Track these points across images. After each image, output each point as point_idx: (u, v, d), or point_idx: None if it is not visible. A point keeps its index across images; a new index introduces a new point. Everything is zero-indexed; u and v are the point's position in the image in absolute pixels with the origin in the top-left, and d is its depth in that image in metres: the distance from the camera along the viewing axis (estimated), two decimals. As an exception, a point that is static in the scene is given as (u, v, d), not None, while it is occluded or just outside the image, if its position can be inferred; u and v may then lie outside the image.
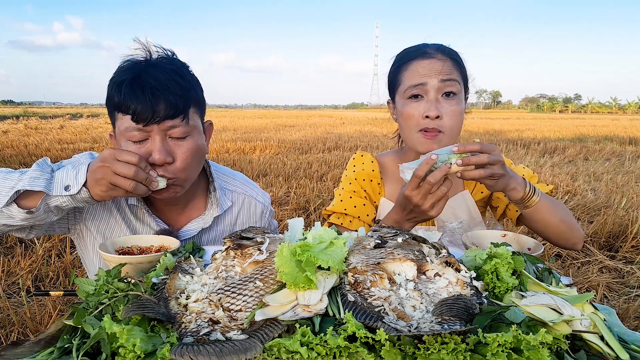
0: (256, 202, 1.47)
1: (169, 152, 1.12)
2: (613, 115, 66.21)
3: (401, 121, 1.38)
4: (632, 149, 10.51)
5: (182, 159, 1.14)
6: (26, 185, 1.00)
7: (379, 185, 1.52)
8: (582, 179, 6.25)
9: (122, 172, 1.00)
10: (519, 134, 15.07)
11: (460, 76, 1.35)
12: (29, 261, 2.99)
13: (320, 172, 6.42)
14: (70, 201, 1.04)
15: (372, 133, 14.81)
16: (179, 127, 1.12)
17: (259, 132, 14.57)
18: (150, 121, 1.09)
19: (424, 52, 1.34)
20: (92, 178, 1.02)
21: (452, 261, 0.83)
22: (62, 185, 1.02)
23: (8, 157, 7.65)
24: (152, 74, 1.10)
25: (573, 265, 3.30)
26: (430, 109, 1.29)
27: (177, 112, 1.11)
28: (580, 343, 0.67)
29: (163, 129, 1.11)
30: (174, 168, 1.14)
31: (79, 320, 0.69)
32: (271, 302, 0.70)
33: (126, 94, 1.08)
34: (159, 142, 1.11)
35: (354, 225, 1.47)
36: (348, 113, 55.41)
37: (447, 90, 1.30)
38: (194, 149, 1.16)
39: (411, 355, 0.61)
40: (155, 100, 1.07)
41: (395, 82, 1.40)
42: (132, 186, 1.01)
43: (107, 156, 1.01)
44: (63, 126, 16.67)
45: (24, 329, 2.27)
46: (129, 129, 1.10)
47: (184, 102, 1.12)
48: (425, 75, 1.30)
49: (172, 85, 1.10)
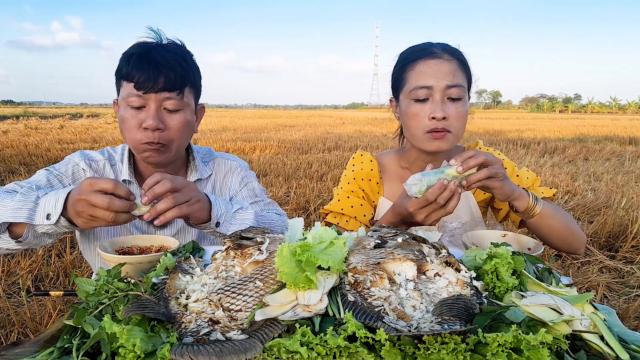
0: (231, 162, 1.56)
1: (161, 119, 1.25)
2: (613, 115, 66.22)
3: (406, 120, 1.38)
4: (632, 149, 10.51)
5: (173, 129, 1.27)
6: (9, 217, 1.03)
7: (377, 184, 1.53)
8: (582, 179, 6.25)
9: (97, 204, 0.96)
10: (519, 134, 15.07)
11: (466, 78, 1.36)
12: (29, 261, 2.99)
13: (320, 172, 6.42)
14: (55, 228, 1.04)
15: (372, 133, 14.81)
16: (173, 99, 1.25)
17: (259, 132, 14.56)
18: (150, 90, 1.22)
19: (430, 52, 1.34)
20: (72, 209, 1.01)
21: (452, 261, 0.83)
22: (45, 213, 1.02)
23: (8, 157, 7.65)
24: (159, 51, 1.25)
25: (573, 265, 3.30)
26: (436, 110, 1.29)
27: (174, 87, 1.24)
28: (580, 343, 0.67)
29: (160, 99, 1.24)
30: (165, 134, 1.26)
31: (79, 320, 0.69)
32: (271, 302, 0.70)
33: (133, 64, 1.22)
34: (153, 110, 1.24)
35: (350, 225, 1.48)
36: (348, 113, 55.41)
37: (452, 96, 1.31)
38: (183, 123, 1.29)
39: (411, 355, 0.61)
40: (157, 72, 1.21)
41: (400, 81, 1.39)
42: (112, 217, 0.98)
43: (85, 187, 0.98)
44: (63, 126, 16.67)
45: (24, 329, 2.27)
46: (130, 94, 1.23)
47: (181, 80, 1.26)
48: (432, 76, 1.30)
49: (174, 63, 1.24)
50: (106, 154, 1.42)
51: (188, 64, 1.29)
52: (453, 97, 1.30)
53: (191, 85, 1.31)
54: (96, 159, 1.40)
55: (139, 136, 1.25)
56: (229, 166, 1.55)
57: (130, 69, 1.22)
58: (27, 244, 1.08)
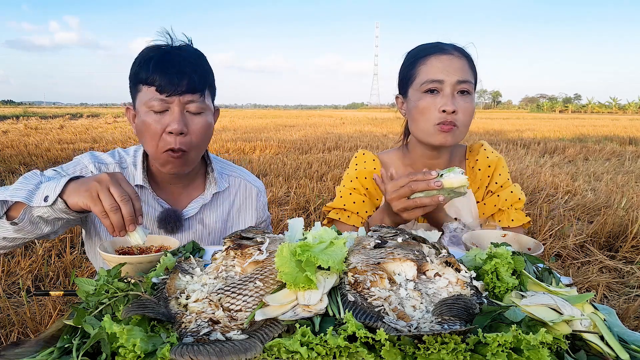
0: (252, 186, 1.55)
1: (185, 123, 1.23)
2: (613, 115, 66.22)
3: (415, 114, 1.39)
4: (632, 149, 10.51)
5: (196, 133, 1.25)
6: (7, 196, 1.02)
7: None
8: (582, 179, 6.26)
9: (113, 191, 0.98)
10: (519, 134, 15.07)
11: (473, 77, 1.39)
12: (29, 261, 2.99)
13: (320, 172, 6.42)
14: (51, 212, 1.03)
15: (372, 133, 14.81)
16: (197, 102, 1.23)
17: (259, 132, 14.57)
18: (173, 93, 1.20)
19: (441, 48, 1.37)
20: (78, 187, 1.01)
21: (452, 261, 0.83)
22: (43, 195, 1.02)
23: (8, 157, 7.65)
24: (178, 53, 1.24)
25: (573, 265, 3.30)
26: (447, 103, 1.31)
27: (197, 89, 1.23)
28: (580, 343, 0.67)
29: (183, 102, 1.22)
30: (188, 140, 1.24)
31: (79, 320, 0.69)
32: (271, 302, 0.70)
33: (154, 68, 1.20)
34: (177, 114, 1.21)
35: (352, 220, 1.49)
36: (348, 113, 55.41)
37: (462, 89, 1.33)
38: (205, 126, 1.27)
39: (411, 355, 0.61)
40: (180, 74, 1.20)
41: (409, 76, 1.41)
42: (112, 207, 0.97)
43: (110, 175, 1.01)
44: (63, 126, 16.67)
45: (24, 329, 2.27)
46: (152, 99, 1.20)
47: (203, 82, 1.25)
48: (444, 71, 1.33)
49: (195, 65, 1.24)
50: (117, 157, 1.40)
51: (206, 65, 1.29)
52: (463, 90, 1.33)
53: (210, 87, 1.30)
54: (106, 162, 1.37)
55: (161, 144, 1.23)
56: (249, 191, 1.55)
57: (151, 73, 1.19)
58: (23, 229, 1.06)
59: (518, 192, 1.48)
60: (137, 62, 1.24)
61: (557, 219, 4.22)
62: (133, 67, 1.25)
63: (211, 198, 1.44)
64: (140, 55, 1.25)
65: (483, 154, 1.54)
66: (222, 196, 1.49)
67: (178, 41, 1.30)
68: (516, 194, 1.48)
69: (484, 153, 1.54)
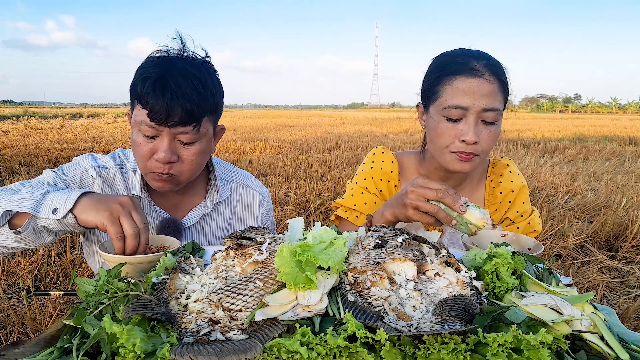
0: (254, 192, 1.52)
1: (174, 152, 1.19)
2: (613, 115, 66.22)
3: (433, 135, 1.30)
4: (632, 149, 10.51)
5: (187, 161, 1.21)
6: (14, 206, 1.01)
7: (395, 187, 1.49)
8: (582, 179, 6.26)
9: (135, 217, 1.00)
10: (519, 134, 15.07)
11: (503, 99, 1.28)
12: (29, 261, 2.99)
13: (320, 172, 6.42)
14: (57, 224, 1.02)
15: (372, 133, 14.81)
16: (189, 134, 1.18)
17: (259, 132, 14.57)
18: (164, 123, 1.14)
19: (471, 69, 1.23)
20: (97, 203, 1.00)
21: (452, 261, 0.83)
22: (52, 207, 1.01)
23: (8, 157, 7.65)
24: (176, 77, 1.15)
25: (573, 265, 3.30)
26: (468, 133, 1.21)
27: (190, 121, 1.16)
28: (580, 343, 0.67)
29: (174, 132, 1.17)
30: (178, 167, 1.21)
31: (79, 320, 0.69)
32: (271, 302, 0.70)
33: (148, 90, 1.13)
34: (166, 144, 1.17)
35: (360, 220, 1.46)
36: (348, 113, 55.41)
37: (487, 119, 1.23)
38: (198, 154, 1.23)
39: (411, 355, 0.61)
40: (172, 105, 1.12)
41: (433, 92, 1.30)
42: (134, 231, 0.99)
43: (125, 202, 1.01)
44: (63, 126, 16.68)
45: (24, 329, 2.27)
46: (143, 122, 1.16)
47: (199, 111, 1.17)
48: (470, 97, 1.21)
49: (191, 93, 1.14)
50: (118, 161, 1.37)
51: (207, 90, 1.19)
52: (488, 120, 1.23)
53: (210, 113, 1.22)
54: (107, 166, 1.34)
55: (150, 164, 1.20)
56: (252, 196, 1.51)
57: (145, 93, 1.13)
58: (25, 238, 1.04)
59: (535, 224, 1.43)
60: (139, 72, 1.18)
61: (557, 219, 4.22)
62: (135, 75, 1.19)
63: (212, 207, 1.42)
64: (143, 65, 1.19)
65: (508, 177, 1.46)
66: (223, 204, 1.46)
67: (189, 51, 1.23)
68: (533, 225, 1.42)
69: (508, 176, 1.46)
